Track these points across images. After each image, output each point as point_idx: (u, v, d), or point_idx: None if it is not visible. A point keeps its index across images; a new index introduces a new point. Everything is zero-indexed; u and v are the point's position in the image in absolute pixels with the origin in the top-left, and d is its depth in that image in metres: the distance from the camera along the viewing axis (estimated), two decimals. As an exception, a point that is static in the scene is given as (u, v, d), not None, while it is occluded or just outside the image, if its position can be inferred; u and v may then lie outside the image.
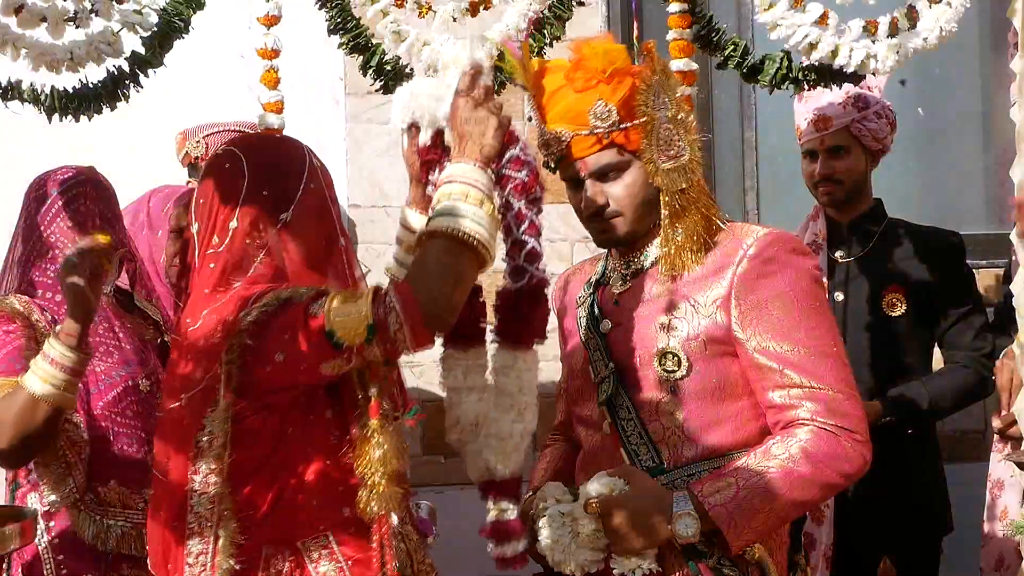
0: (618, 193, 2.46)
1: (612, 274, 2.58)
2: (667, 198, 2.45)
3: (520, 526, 2.40)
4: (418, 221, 2.49)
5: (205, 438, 2.25)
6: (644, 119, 2.43)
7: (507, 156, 2.37)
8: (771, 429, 2.43)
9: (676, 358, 2.43)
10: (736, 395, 2.44)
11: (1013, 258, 3.21)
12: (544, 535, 2.43)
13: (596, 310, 2.56)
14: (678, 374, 2.43)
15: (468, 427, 2.39)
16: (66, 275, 2.66)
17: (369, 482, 2.27)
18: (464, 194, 2.24)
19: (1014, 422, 3.11)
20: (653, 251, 2.51)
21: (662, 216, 2.47)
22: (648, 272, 2.51)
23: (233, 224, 2.34)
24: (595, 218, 2.48)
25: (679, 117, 2.45)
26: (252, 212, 2.34)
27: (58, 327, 2.72)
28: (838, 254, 3.73)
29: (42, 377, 2.66)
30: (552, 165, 2.51)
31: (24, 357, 2.76)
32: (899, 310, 3.64)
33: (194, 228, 2.40)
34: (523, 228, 2.37)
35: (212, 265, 2.33)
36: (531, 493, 2.58)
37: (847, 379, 2.43)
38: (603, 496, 2.38)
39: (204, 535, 2.28)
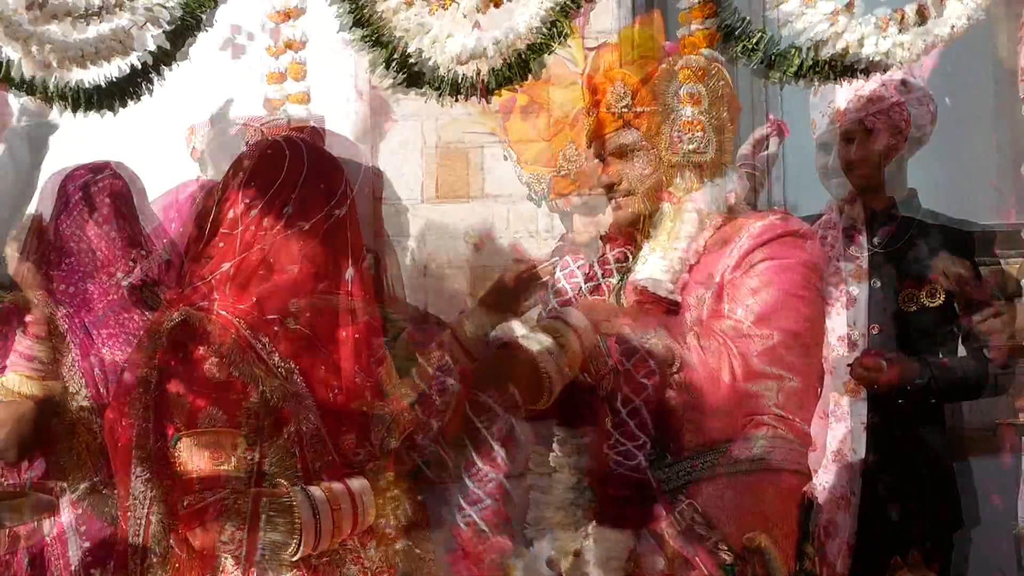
0: (631, 172, 2.54)
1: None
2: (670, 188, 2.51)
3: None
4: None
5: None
6: (654, 107, 2.49)
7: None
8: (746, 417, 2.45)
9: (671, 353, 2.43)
10: (730, 385, 2.43)
11: None
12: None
13: None
14: (673, 367, 2.43)
15: None
16: None
17: (385, 534, 2.34)
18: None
19: None
20: (646, 251, 2.50)
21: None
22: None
23: (288, 209, 2.35)
24: (609, 192, 2.58)
25: (716, 120, 2.45)
26: (306, 201, 2.35)
27: None
28: (875, 240, 3.76)
29: None
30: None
31: (36, 354, 2.77)
32: (938, 300, 3.68)
33: (239, 208, 2.39)
34: None
35: (260, 247, 2.34)
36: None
37: (811, 368, 2.46)
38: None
39: None
